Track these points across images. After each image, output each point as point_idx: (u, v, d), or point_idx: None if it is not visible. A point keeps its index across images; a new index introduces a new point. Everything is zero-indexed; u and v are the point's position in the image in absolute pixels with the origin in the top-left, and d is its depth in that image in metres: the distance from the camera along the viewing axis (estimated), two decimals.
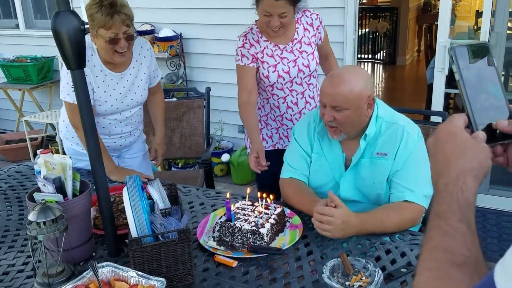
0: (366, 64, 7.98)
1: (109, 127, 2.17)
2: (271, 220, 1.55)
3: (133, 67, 2.12)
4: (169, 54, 3.86)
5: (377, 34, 7.99)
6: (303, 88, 2.20)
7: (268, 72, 2.12)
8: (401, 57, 7.85)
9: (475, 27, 4.97)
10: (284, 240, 1.55)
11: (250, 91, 2.16)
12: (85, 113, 1.44)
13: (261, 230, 1.48)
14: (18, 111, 4.75)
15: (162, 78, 4.01)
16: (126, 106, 2.14)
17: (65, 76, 2.02)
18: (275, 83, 2.15)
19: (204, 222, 1.65)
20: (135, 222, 1.31)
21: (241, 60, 2.15)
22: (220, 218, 1.60)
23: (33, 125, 4.79)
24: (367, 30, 7.86)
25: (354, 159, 1.68)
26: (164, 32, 3.85)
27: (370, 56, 8.04)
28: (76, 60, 1.35)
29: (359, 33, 7.65)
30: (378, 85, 7.11)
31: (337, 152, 1.73)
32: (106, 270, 1.34)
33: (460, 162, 0.65)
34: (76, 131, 2.07)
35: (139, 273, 1.29)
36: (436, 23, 4.05)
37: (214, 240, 1.51)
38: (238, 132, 4.07)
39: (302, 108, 2.23)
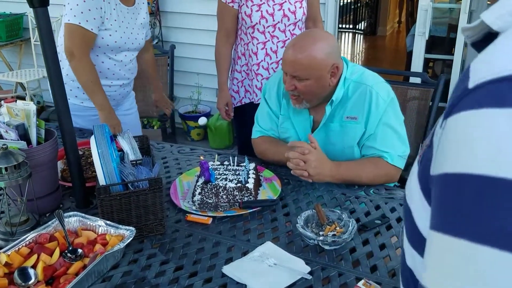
0: (347, 34, 7.92)
1: (114, 68, 2.12)
2: (252, 175, 1.52)
3: (136, 8, 2.14)
4: None
5: (358, 4, 7.91)
6: (286, 37, 2.12)
7: (251, 10, 2.06)
8: (382, 28, 7.82)
9: None
10: (267, 193, 1.52)
11: (228, 32, 2.17)
12: (51, 59, 1.34)
13: (248, 185, 1.45)
14: None
15: None
16: (131, 44, 2.13)
17: None
18: (257, 24, 2.08)
19: (173, 189, 1.54)
20: (103, 170, 1.25)
21: None
22: (197, 182, 1.50)
23: (1, 85, 4.60)
24: (349, 0, 7.76)
25: (321, 124, 1.62)
26: None
27: (351, 26, 7.96)
28: None
29: (341, 3, 7.61)
30: (359, 55, 7.08)
31: (304, 114, 1.67)
32: (73, 219, 1.29)
33: None
34: (71, 59, 1.98)
35: (108, 222, 1.25)
36: None
37: (195, 205, 1.43)
38: (215, 96, 3.98)
39: (281, 59, 2.14)
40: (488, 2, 3.33)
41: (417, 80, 2.56)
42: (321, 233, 1.26)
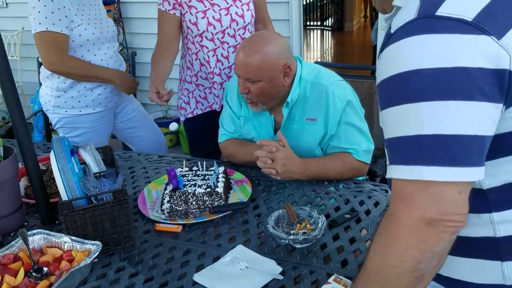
0: (315, 31, 7.98)
1: (103, 64, 2.10)
2: (221, 179, 1.50)
3: None
4: None
5: (325, 1, 7.98)
6: (236, 41, 2.01)
7: (197, 18, 1.93)
8: (349, 23, 7.91)
9: None
10: (238, 196, 1.51)
11: (169, 41, 1.99)
12: (5, 73, 1.30)
13: (218, 189, 1.43)
14: None
15: None
16: (107, 33, 2.11)
17: (34, 6, 1.90)
18: (204, 31, 1.95)
19: (142, 199, 1.51)
20: (64, 185, 1.21)
21: (162, 4, 1.94)
22: (165, 190, 1.48)
23: None
24: None
25: (281, 126, 1.61)
26: None
27: (318, 23, 8.03)
28: None
29: (307, 1, 7.67)
30: (327, 51, 7.14)
31: (265, 115, 1.65)
32: (38, 237, 1.25)
33: None
34: (53, 67, 1.96)
35: (73, 238, 1.22)
36: None
37: (164, 213, 1.41)
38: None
39: (233, 64, 1.95)
40: None
41: None
42: (291, 232, 1.25)
